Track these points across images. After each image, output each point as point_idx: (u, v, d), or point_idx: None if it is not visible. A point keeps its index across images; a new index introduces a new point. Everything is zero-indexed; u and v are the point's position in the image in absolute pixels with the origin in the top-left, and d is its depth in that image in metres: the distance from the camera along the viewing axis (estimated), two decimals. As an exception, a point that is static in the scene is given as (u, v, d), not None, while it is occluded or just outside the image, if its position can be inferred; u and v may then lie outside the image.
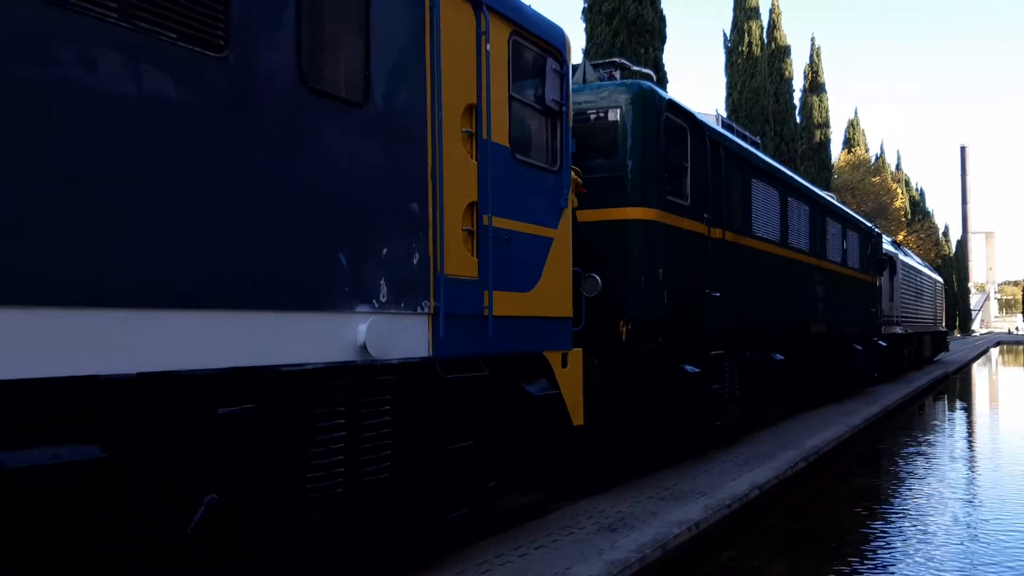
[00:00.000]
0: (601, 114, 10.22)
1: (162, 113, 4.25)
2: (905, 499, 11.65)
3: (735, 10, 39.24)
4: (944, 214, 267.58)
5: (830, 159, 50.34)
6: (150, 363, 4.15)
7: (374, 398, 5.77)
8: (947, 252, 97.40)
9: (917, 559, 8.53)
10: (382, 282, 5.68)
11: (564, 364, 7.96)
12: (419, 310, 6.04)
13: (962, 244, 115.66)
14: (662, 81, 23.67)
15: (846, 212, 22.24)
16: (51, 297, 3.74)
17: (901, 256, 31.43)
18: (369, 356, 5.50)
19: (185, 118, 4.36)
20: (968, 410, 24.48)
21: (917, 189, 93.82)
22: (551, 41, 7.83)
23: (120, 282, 4.03)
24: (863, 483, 12.92)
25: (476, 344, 6.69)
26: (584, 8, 24.40)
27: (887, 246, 28.40)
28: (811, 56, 52.38)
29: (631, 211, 10.05)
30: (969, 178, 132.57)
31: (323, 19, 5.32)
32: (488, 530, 7.63)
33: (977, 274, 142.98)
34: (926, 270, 39.57)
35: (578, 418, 8.14)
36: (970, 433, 19.19)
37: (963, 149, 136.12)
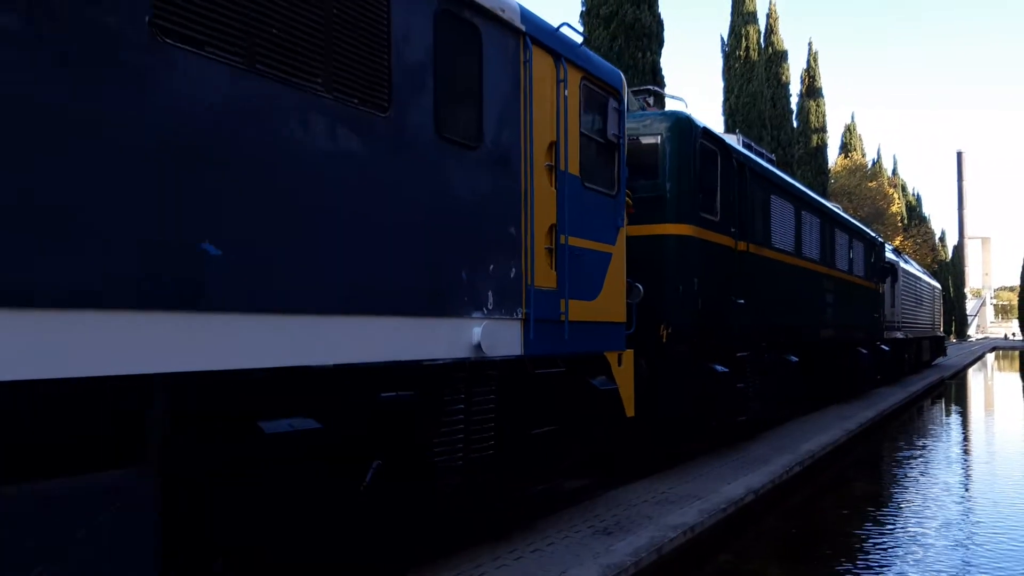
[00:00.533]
0: (643, 140, 11.61)
1: (352, 159, 5.64)
2: (900, 503, 11.88)
3: (733, 14, 39.57)
4: (941, 219, 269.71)
5: (827, 164, 50.56)
6: (342, 356, 5.46)
7: (483, 388, 7.09)
8: (943, 257, 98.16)
9: (910, 561, 8.71)
10: (490, 293, 6.97)
11: (619, 363, 9.24)
12: (515, 316, 7.31)
13: (958, 249, 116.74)
14: (659, 84, 23.90)
15: (852, 223, 23.46)
16: (299, 307, 5.19)
17: (902, 264, 32.83)
18: (481, 354, 6.78)
19: (365, 162, 5.73)
20: (963, 414, 25.35)
21: (914, 194, 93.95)
22: (611, 83, 9.09)
23: (331, 295, 5.39)
24: (861, 488, 13.22)
25: (556, 345, 7.97)
26: (582, 12, 24.53)
27: (889, 254, 29.91)
28: (808, 61, 52.82)
29: (670, 227, 11.39)
30: (965, 183, 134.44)
31: (451, 82, 6.66)
32: (557, 505, 8.69)
33: (973, 279, 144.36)
34: (925, 277, 41.06)
35: (630, 410, 9.43)
36: (965, 437, 19.68)
37: (960, 154, 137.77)
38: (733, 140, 14.06)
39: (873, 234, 26.62)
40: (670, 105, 14.44)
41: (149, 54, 4.29)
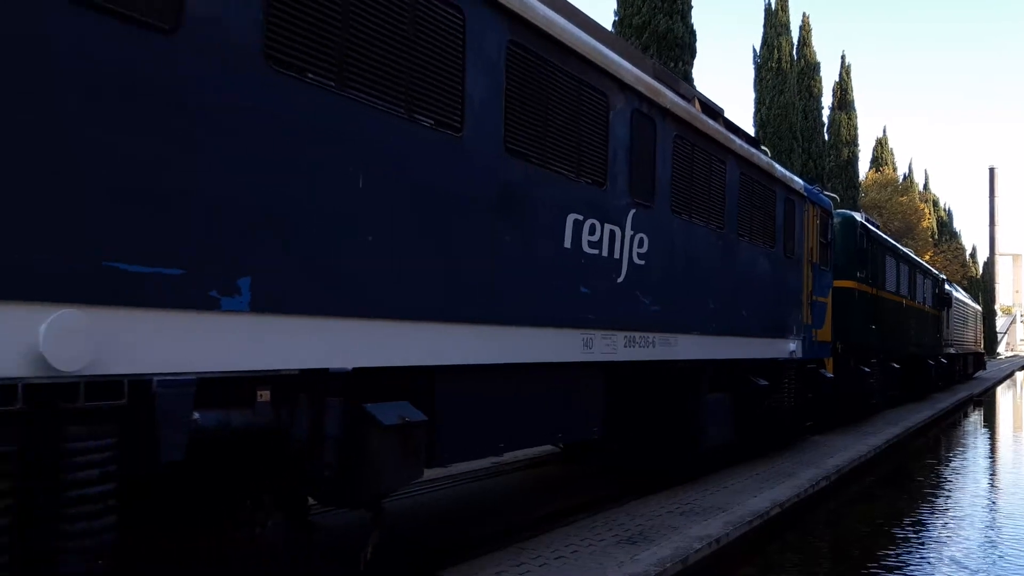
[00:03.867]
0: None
1: (761, 266, 12.86)
2: (934, 509, 12.38)
3: (765, 26, 40.25)
4: (971, 234, 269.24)
5: (857, 177, 51.40)
6: (735, 355, 12.29)
7: (791, 372, 14.40)
8: (974, 274, 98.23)
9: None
10: (793, 326, 14.31)
11: (824, 364, 16.75)
12: (800, 337, 14.64)
13: (989, 266, 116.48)
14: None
15: (925, 266, 32.48)
16: (716, 331, 11.59)
17: (955, 293, 42.02)
18: (791, 356, 14.03)
19: (768, 267, 12.91)
20: (993, 420, 29.90)
21: (945, 209, 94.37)
22: (828, 208, 16.92)
23: (734, 326, 12.22)
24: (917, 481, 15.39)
25: (809, 352, 15.26)
26: (614, 22, 25.11)
27: (946, 286, 37.52)
28: (840, 74, 53.41)
29: (843, 283, 19.10)
30: (997, 199, 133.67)
31: (787, 223, 14.31)
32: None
33: (1004, 296, 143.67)
34: (970, 301, 50.07)
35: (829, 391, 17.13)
36: (993, 442, 22.61)
37: (992, 171, 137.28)
38: (860, 218, 21.38)
39: (936, 272, 35.62)
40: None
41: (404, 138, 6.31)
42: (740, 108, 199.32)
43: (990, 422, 28.40)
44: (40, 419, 3.99)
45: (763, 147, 14.43)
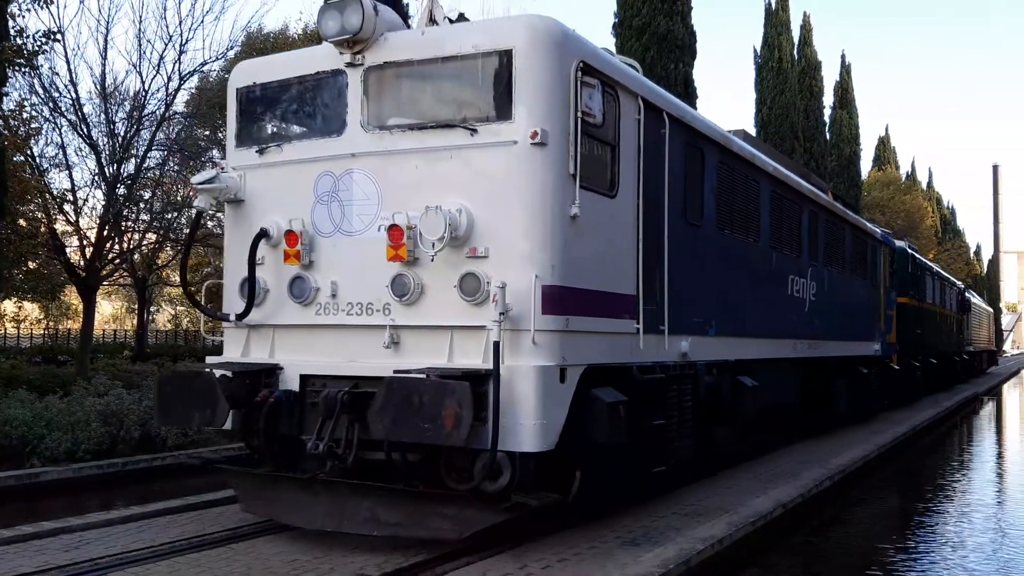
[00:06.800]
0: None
1: (846, 293, 19.08)
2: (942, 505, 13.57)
3: (766, 25, 40.52)
4: (976, 232, 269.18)
5: (860, 176, 52.44)
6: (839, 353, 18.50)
7: (873, 366, 21.62)
8: (978, 271, 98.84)
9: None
10: (876, 332, 21.81)
11: (892, 360, 24.45)
12: (877, 340, 21.82)
13: (993, 263, 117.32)
14: (692, 96, 24.97)
15: (950, 278, 39.76)
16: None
17: (973, 299, 49.63)
18: (876, 354, 21.57)
19: (852, 293, 19.84)
20: (1000, 413, 35.23)
21: (948, 207, 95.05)
22: (893, 246, 25.14)
23: (830, 333, 17.51)
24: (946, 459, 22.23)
25: (884, 351, 22.53)
26: (614, 23, 25.52)
27: (966, 294, 45.62)
28: (841, 73, 53.57)
29: (900, 299, 25.61)
30: (1001, 197, 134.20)
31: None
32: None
33: (1008, 293, 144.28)
34: (984, 304, 58.87)
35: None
36: (1000, 432, 27.89)
37: (995, 168, 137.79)
38: (909, 249, 29.26)
39: (956, 282, 42.99)
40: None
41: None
42: (741, 108, 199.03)
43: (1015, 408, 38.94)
44: (666, 380, 9.95)
45: (844, 201, 21.40)
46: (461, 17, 9.56)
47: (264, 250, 9.01)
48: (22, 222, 21.60)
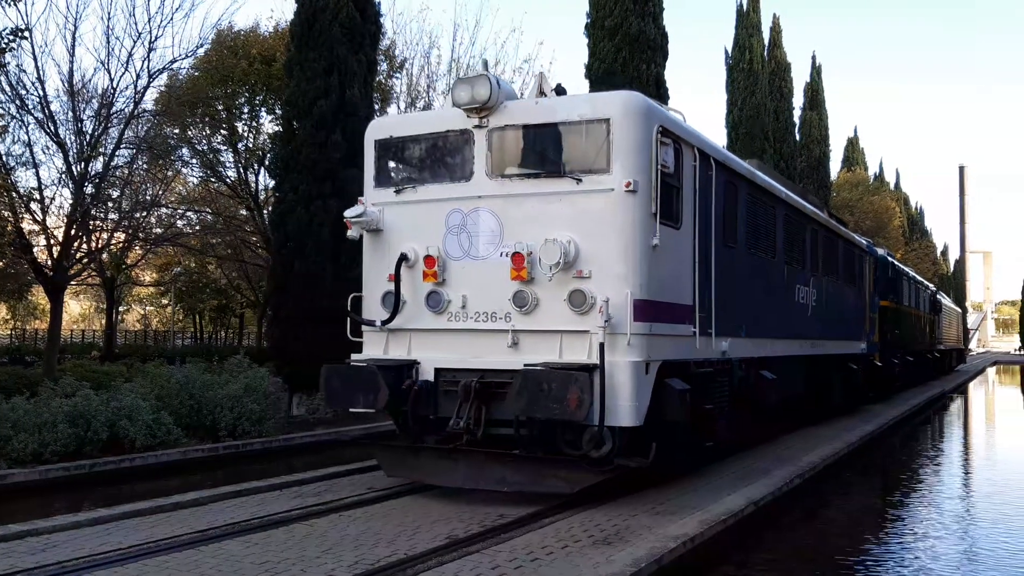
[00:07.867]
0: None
1: (843, 299, 22.20)
2: (909, 500, 14.59)
3: (737, 27, 41.72)
4: (943, 232, 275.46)
5: (829, 176, 53.82)
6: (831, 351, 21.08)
7: (860, 362, 24.48)
8: (945, 271, 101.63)
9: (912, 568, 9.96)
10: (861, 332, 24.51)
11: (875, 357, 26.87)
12: (863, 340, 24.76)
13: (960, 263, 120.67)
14: (663, 97, 25.49)
15: (923, 281, 42.82)
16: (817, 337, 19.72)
17: (944, 301, 52.48)
18: (862, 352, 24.38)
19: (849, 300, 23.12)
20: (966, 411, 36.40)
21: (916, 208, 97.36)
22: (876, 255, 28.51)
23: (824, 333, 19.99)
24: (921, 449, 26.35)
25: (869, 349, 25.52)
26: (587, 24, 26.37)
27: (937, 296, 48.27)
28: (811, 75, 55.09)
29: (882, 302, 28.59)
30: (968, 198, 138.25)
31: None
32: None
33: (975, 293, 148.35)
34: (952, 305, 61.08)
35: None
36: (966, 432, 28.78)
37: (962, 169, 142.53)
38: (889, 257, 32.25)
39: (930, 285, 46.18)
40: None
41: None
42: (713, 110, 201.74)
43: (979, 401, 42.91)
44: (713, 373, 12.80)
45: (839, 217, 25.94)
46: (560, 88, 12.20)
47: (402, 270, 11.50)
48: (-12, 221, 21.73)
